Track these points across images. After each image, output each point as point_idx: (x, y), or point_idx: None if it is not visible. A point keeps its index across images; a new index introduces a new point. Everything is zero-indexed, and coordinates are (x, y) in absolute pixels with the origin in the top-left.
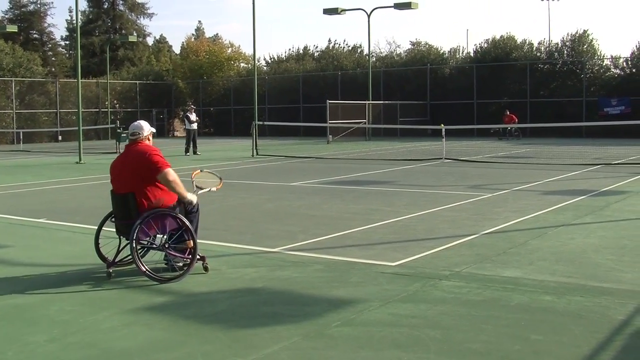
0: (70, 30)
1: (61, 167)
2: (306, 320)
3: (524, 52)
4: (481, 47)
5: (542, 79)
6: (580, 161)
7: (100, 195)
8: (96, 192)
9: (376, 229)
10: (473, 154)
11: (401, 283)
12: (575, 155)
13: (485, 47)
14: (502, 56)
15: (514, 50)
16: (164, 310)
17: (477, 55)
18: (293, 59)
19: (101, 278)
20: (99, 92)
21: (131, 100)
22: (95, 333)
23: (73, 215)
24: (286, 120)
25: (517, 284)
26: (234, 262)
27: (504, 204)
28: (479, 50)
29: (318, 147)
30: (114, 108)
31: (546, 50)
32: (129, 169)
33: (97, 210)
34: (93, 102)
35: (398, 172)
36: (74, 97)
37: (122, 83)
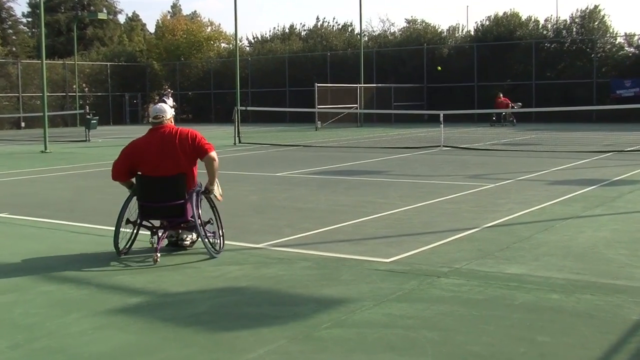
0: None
1: (24, 157)
2: (293, 321)
3: (529, 30)
4: (482, 25)
5: (548, 59)
6: (590, 148)
7: (68, 187)
8: (64, 183)
9: (369, 222)
10: (473, 141)
11: (396, 281)
12: (585, 142)
13: (487, 25)
14: (506, 35)
15: (518, 28)
16: (139, 312)
17: (478, 34)
18: (278, 38)
19: (70, 277)
20: (65, 74)
21: (101, 83)
22: (63, 338)
23: (38, 209)
24: (271, 105)
25: (521, 281)
26: (215, 259)
27: (507, 195)
28: (480, 28)
29: (306, 134)
30: (82, 92)
31: (553, 27)
32: (176, 150)
33: (65, 203)
34: (59, 85)
35: (392, 161)
36: (37, 79)
37: (92, 65)
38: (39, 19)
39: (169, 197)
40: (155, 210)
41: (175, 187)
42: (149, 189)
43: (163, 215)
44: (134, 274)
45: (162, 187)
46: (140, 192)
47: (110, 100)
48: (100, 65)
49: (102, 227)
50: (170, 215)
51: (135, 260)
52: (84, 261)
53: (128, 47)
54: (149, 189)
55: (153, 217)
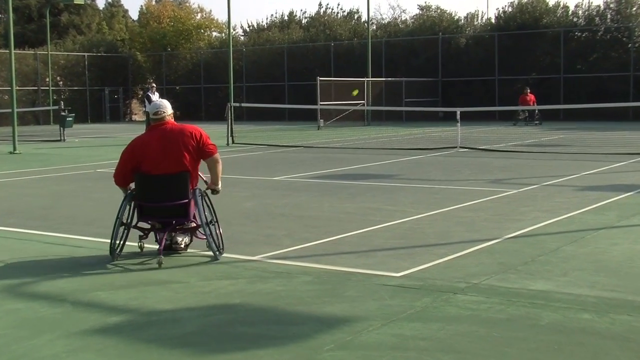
0: None
1: None
2: (293, 342)
3: (556, 17)
4: (504, 12)
5: (579, 49)
6: (626, 150)
7: (41, 192)
8: (36, 189)
9: (377, 232)
10: (494, 141)
11: (407, 298)
12: (620, 143)
13: (509, 11)
14: (530, 23)
15: (545, 16)
16: (120, 333)
17: (500, 22)
18: (276, 27)
19: (41, 294)
20: (37, 66)
21: (78, 76)
22: None
23: (6, 218)
24: (268, 102)
25: (548, 299)
26: (205, 273)
27: (532, 202)
28: (502, 15)
29: (306, 133)
30: (56, 86)
31: (584, 14)
32: (180, 147)
33: (37, 210)
34: (30, 78)
35: (403, 164)
36: (5, 71)
37: (67, 55)
38: (7, 3)
39: (171, 197)
40: (157, 210)
41: (178, 186)
42: (150, 188)
43: (164, 215)
44: (115, 290)
45: (164, 185)
46: (140, 191)
47: (88, 95)
48: (76, 56)
49: (80, 237)
50: (173, 215)
51: (119, 270)
52: (58, 276)
53: (108, 36)
54: (150, 188)
55: (153, 217)
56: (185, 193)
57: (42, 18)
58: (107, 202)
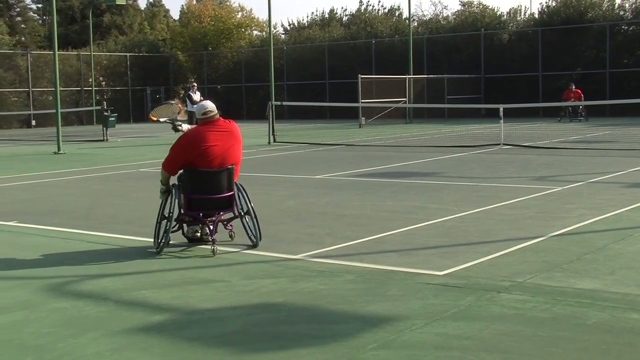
0: None
1: (36, 159)
2: (335, 342)
3: (602, 11)
4: (548, 7)
5: (626, 44)
6: None
7: (84, 192)
8: (79, 188)
9: (419, 230)
10: (538, 138)
11: (450, 296)
12: None
13: (553, 6)
14: (575, 17)
15: (590, 10)
16: (163, 332)
17: (543, 17)
18: (317, 25)
19: (86, 293)
20: (80, 66)
21: (120, 76)
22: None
23: (50, 217)
24: (309, 100)
25: (595, 297)
26: (247, 272)
27: (578, 200)
28: (546, 10)
29: (348, 132)
30: (99, 86)
31: (632, 7)
32: (236, 143)
33: (80, 210)
34: (74, 79)
35: (446, 162)
36: (49, 72)
37: (109, 56)
38: (51, 5)
39: (222, 189)
40: (207, 203)
41: (228, 179)
42: (205, 182)
43: (213, 207)
44: (158, 289)
45: (217, 179)
46: (192, 184)
47: (130, 95)
48: (118, 56)
49: (122, 236)
50: (221, 207)
51: (162, 269)
52: (102, 275)
53: (149, 36)
54: (205, 182)
55: (202, 209)
56: (231, 186)
57: (85, 19)
58: (149, 202)
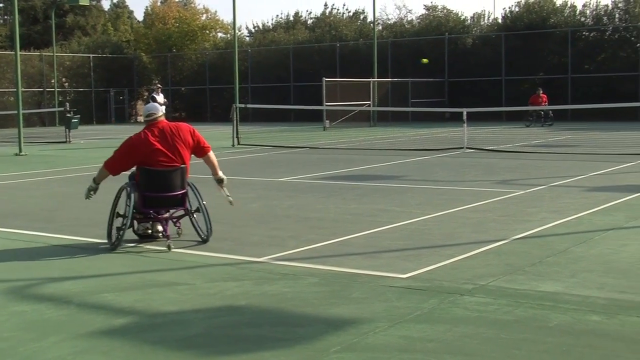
0: None
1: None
2: (299, 344)
3: (564, 17)
4: (511, 12)
5: (587, 49)
6: (634, 150)
7: (46, 194)
8: (41, 190)
9: (383, 233)
10: (501, 142)
11: (414, 299)
12: (629, 143)
13: (516, 11)
14: (538, 22)
15: (552, 15)
16: (126, 335)
17: (507, 22)
18: (282, 27)
19: (47, 296)
20: (42, 67)
21: (84, 77)
22: None
23: (11, 220)
24: (273, 103)
25: (556, 300)
26: (210, 274)
27: (540, 203)
28: (509, 15)
29: (312, 134)
30: (62, 87)
31: (592, 14)
32: (182, 144)
33: (42, 212)
34: (36, 79)
35: (410, 165)
36: (11, 73)
37: (72, 57)
38: (12, 5)
39: (174, 188)
40: (159, 201)
41: (180, 178)
42: (156, 181)
43: (166, 204)
44: (121, 292)
45: (168, 178)
46: (146, 183)
47: (93, 96)
48: (82, 58)
49: (85, 239)
50: (174, 204)
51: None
52: (64, 277)
53: (113, 37)
54: (156, 181)
55: (158, 207)
56: (184, 184)
57: (48, 19)
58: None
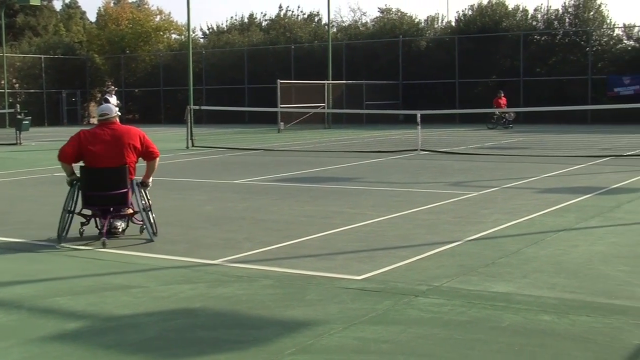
0: None
1: None
2: (254, 347)
3: (516, 20)
4: (465, 15)
5: (538, 53)
6: (584, 152)
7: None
8: None
9: (338, 235)
10: (455, 144)
11: (369, 301)
12: (579, 146)
13: (469, 14)
14: (491, 26)
15: (505, 19)
16: (78, 339)
17: (460, 25)
18: (236, 29)
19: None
20: None
21: (35, 79)
22: None
23: None
24: (228, 104)
25: (509, 300)
26: (164, 277)
27: (492, 205)
28: (462, 18)
29: (267, 136)
30: (12, 89)
31: (544, 18)
32: (126, 146)
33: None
34: None
35: (364, 167)
36: None
37: (23, 57)
38: None
39: (113, 187)
40: (100, 199)
41: (120, 178)
42: (95, 179)
43: (106, 203)
44: (73, 296)
45: (107, 177)
46: (85, 182)
47: (44, 97)
48: (32, 58)
49: (37, 242)
50: (113, 203)
51: (77, 275)
52: (14, 282)
53: (65, 38)
54: (95, 179)
55: (96, 205)
56: (124, 184)
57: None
58: None
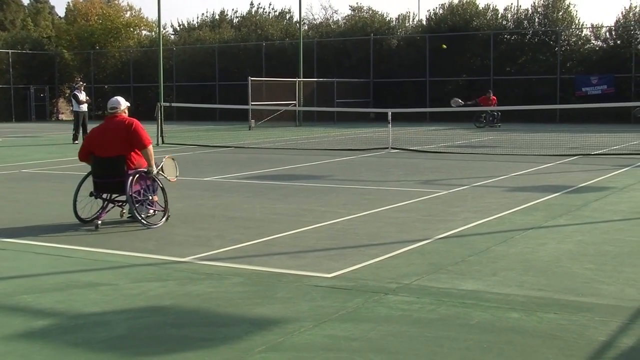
0: None
1: None
2: (224, 344)
3: (487, 20)
4: (435, 14)
5: (508, 52)
6: (553, 151)
7: None
8: None
9: (308, 233)
10: (425, 142)
11: (339, 299)
12: (548, 145)
13: (440, 13)
14: (461, 25)
15: (475, 18)
16: (46, 337)
17: (431, 24)
18: (207, 26)
19: None
20: None
21: (2, 74)
22: None
23: None
24: (198, 101)
25: (478, 298)
26: (134, 274)
27: (462, 203)
28: (433, 17)
29: (238, 134)
30: None
31: (513, 18)
32: (120, 136)
33: None
34: None
35: (335, 165)
36: None
37: None
38: None
39: (111, 175)
40: (103, 186)
41: (116, 167)
42: (98, 167)
43: (109, 189)
44: (41, 293)
45: (106, 165)
46: (92, 169)
47: (12, 93)
48: (0, 53)
49: (3, 239)
50: (115, 190)
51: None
52: None
53: (33, 33)
54: (98, 167)
55: (102, 191)
56: (121, 172)
57: None
58: (32, 203)
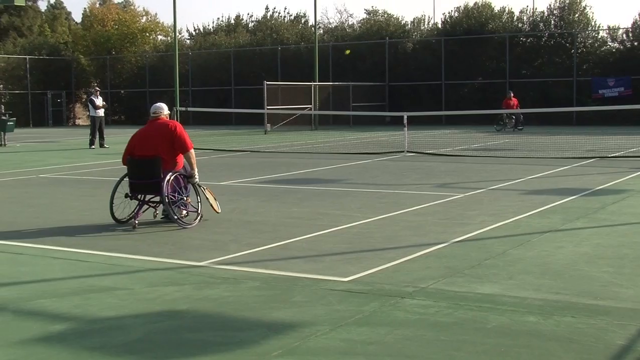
0: None
1: None
2: (240, 348)
3: (502, 22)
4: (451, 17)
5: (524, 55)
6: (570, 154)
7: None
8: None
9: (324, 237)
10: (441, 146)
11: (355, 302)
12: (564, 147)
13: (455, 16)
14: (476, 28)
15: (491, 21)
16: (63, 341)
17: (446, 27)
18: (223, 30)
19: None
20: None
21: (19, 80)
22: None
23: None
24: (214, 106)
25: (494, 302)
26: (150, 279)
27: (479, 206)
28: (448, 20)
29: (253, 138)
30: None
31: (529, 20)
32: (159, 137)
33: None
34: None
35: (351, 169)
36: None
37: (7, 58)
38: None
39: (146, 176)
40: (139, 187)
41: (152, 168)
42: (133, 168)
43: (143, 190)
44: (58, 298)
45: (141, 166)
46: (128, 171)
47: (29, 99)
48: (17, 59)
49: (21, 244)
50: (149, 191)
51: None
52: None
53: (50, 39)
54: (133, 168)
55: (138, 192)
56: (157, 174)
57: None
58: (49, 208)
